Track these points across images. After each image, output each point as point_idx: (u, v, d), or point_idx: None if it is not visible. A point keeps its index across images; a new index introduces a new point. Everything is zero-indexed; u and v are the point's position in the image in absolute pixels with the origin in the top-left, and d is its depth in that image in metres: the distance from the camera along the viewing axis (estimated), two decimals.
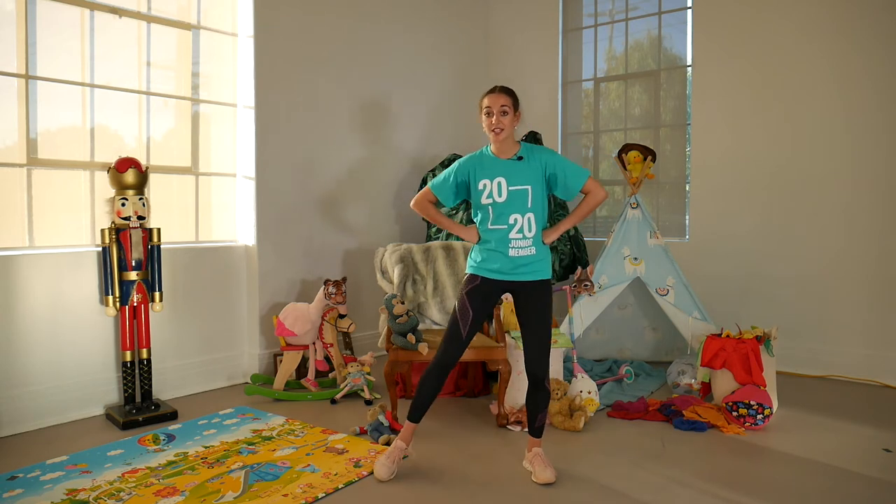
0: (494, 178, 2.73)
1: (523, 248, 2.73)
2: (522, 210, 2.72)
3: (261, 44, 4.26)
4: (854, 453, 3.04)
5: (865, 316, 4.29)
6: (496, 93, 2.74)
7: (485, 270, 2.77)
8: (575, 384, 3.56)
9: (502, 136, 2.73)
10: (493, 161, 2.78)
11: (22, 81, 3.47)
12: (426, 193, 2.91)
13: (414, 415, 2.83)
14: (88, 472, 2.80)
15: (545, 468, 2.74)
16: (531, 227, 2.73)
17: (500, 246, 2.73)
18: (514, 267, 2.74)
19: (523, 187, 2.72)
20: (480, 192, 2.76)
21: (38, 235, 3.54)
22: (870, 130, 4.26)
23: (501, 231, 2.73)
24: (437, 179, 2.89)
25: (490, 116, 2.72)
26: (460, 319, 2.76)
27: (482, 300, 2.78)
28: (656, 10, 5.28)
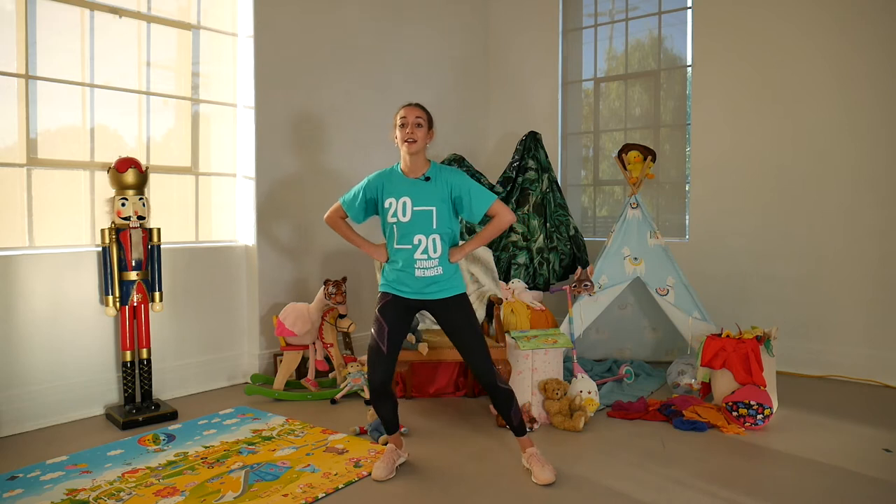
0: (400, 198, 2.71)
1: (429, 268, 2.71)
2: (427, 231, 2.70)
3: (261, 44, 4.26)
4: (854, 453, 3.04)
5: (865, 316, 4.29)
6: (412, 106, 2.76)
7: (394, 289, 2.77)
8: (575, 384, 3.56)
9: (414, 149, 2.69)
10: (401, 179, 2.76)
11: (22, 81, 3.47)
12: (337, 209, 2.89)
13: (389, 428, 2.89)
14: (88, 472, 2.80)
15: (543, 468, 2.74)
16: (436, 247, 2.71)
17: (406, 266, 2.73)
18: (422, 287, 2.73)
19: (428, 208, 2.70)
20: (386, 210, 2.75)
21: (38, 235, 3.54)
22: (870, 130, 4.26)
23: (406, 251, 2.72)
24: (347, 195, 2.87)
25: (405, 127, 2.70)
26: (377, 336, 2.75)
27: (396, 316, 2.76)
28: (656, 10, 5.28)
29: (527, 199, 4.78)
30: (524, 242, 4.72)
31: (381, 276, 2.84)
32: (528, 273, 4.68)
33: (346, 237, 2.94)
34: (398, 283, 2.76)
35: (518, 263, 4.68)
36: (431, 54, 5.53)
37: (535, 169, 4.84)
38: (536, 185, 4.80)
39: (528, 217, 4.75)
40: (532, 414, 3.45)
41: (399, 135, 2.73)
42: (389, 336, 2.73)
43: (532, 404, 3.50)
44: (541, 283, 4.69)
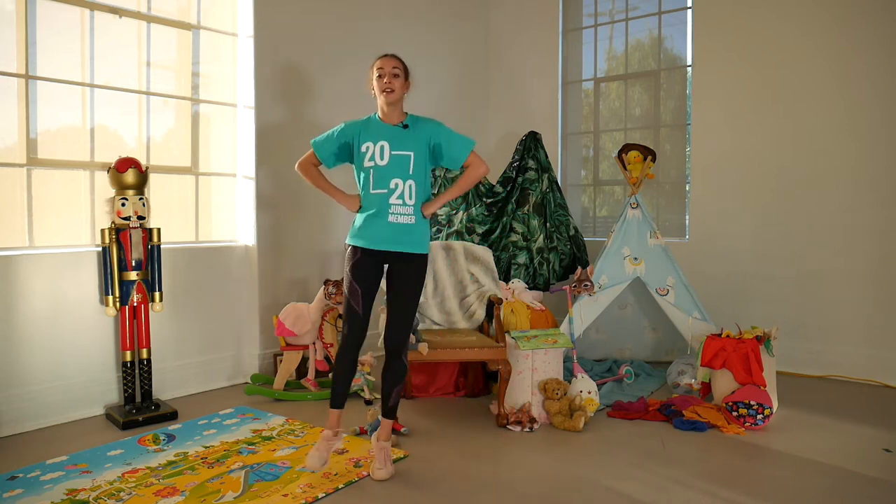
0: (378, 142, 2.74)
1: (403, 214, 2.72)
2: (403, 175, 2.72)
3: (261, 44, 4.26)
4: (854, 453, 3.04)
5: (866, 316, 4.29)
6: (388, 56, 2.80)
7: (363, 239, 2.74)
8: (575, 384, 3.56)
9: (393, 98, 2.74)
10: (379, 125, 2.80)
11: (22, 81, 3.47)
12: (310, 156, 2.87)
13: (335, 401, 2.81)
14: (88, 472, 2.80)
15: (383, 465, 2.74)
16: (411, 194, 2.73)
17: (379, 211, 2.72)
18: (392, 234, 2.72)
19: (406, 153, 2.73)
20: (363, 154, 2.75)
21: (38, 235, 3.54)
22: (870, 130, 4.26)
23: (381, 196, 2.72)
24: (319, 138, 2.86)
25: (382, 77, 2.75)
26: (351, 297, 2.75)
27: (366, 273, 2.76)
28: (656, 10, 5.28)
29: (527, 199, 4.78)
30: (524, 242, 4.72)
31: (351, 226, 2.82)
32: (528, 273, 4.68)
33: (318, 185, 2.90)
34: (367, 231, 2.74)
35: (518, 263, 4.68)
36: (431, 54, 5.53)
37: (535, 169, 4.84)
38: (536, 185, 4.80)
39: (528, 217, 4.75)
40: (532, 414, 3.45)
41: (377, 85, 2.77)
42: (363, 296, 2.74)
43: (532, 404, 3.50)
44: (541, 283, 4.68)
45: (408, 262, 2.77)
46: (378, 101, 2.79)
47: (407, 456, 2.99)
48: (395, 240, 2.73)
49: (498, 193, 4.89)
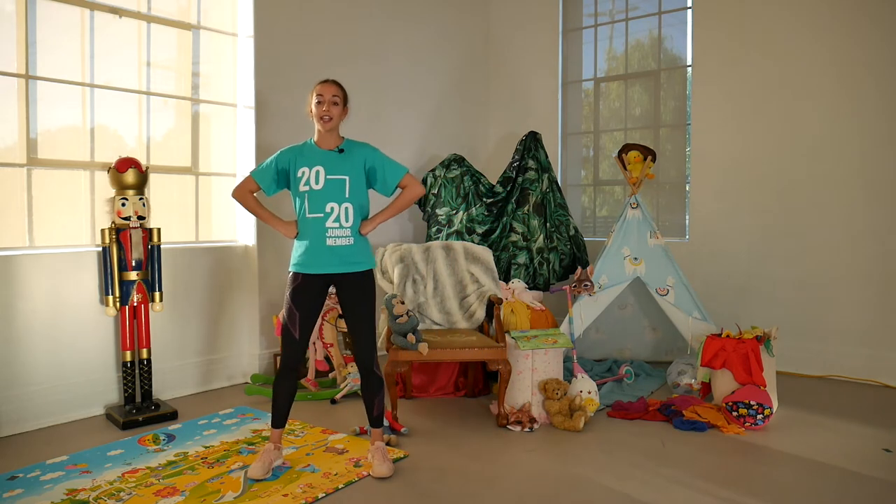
0: (313, 167, 2.78)
1: (340, 237, 2.77)
2: (339, 199, 2.77)
3: (261, 44, 4.26)
4: (854, 453, 3.04)
5: (865, 316, 4.29)
6: (328, 83, 2.82)
7: (304, 265, 2.80)
8: (575, 384, 3.56)
9: (330, 126, 2.79)
10: (314, 150, 2.84)
11: (22, 81, 3.47)
12: (247, 182, 2.91)
13: (276, 421, 2.87)
14: (88, 472, 2.80)
15: (382, 462, 2.78)
16: (348, 216, 2.78)
17: (317, 236, 2.77)
18: (332, 257, 2.77)
19: (341, 177, 2.78)
20: (299, 179, 2.80)
21: (38, 235, 3.54)
22: (870, 129, 4.26)
23: (318, 220, 2.77)
24: (258, 167, 2.91)
25: (321, 104, 2.78)
26: (289, 322, 2.80)
27: (307, 298, 2.80)
28: (656, 10, 5.28)
29: (527, 199, 4.78)
30: (524, 242, 4.72)
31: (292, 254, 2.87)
32: (528, 273, 4.68)
33: (255, 212, 2.95)
34: (308, 258, 2.79)
35: (518, 263, 4.68)
36: (431, 54, 5.53)
37: (535, 169, 4.84)
38: (536, 185, 4.80)
39: (528, 217, 4.75)
40: (532, 414, 3.45)
41: (315, 111, 2.80)
42: (301, 322, 2.79)
43: (532, 404, 3.50)
44: (541, 283, 4.69)
45: (353, 281, 2.82)
46: (315, 125, 2.83)
47: (407, 456, 2.99)
48: (336, 262, 2.79)
49: (498, 193, 4.89)
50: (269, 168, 2.87)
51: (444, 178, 4.96)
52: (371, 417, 2.92)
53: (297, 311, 2.79)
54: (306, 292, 2.80)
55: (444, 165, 5.01)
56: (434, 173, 5.02)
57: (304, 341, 2.83)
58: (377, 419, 2.91)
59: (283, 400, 2.86)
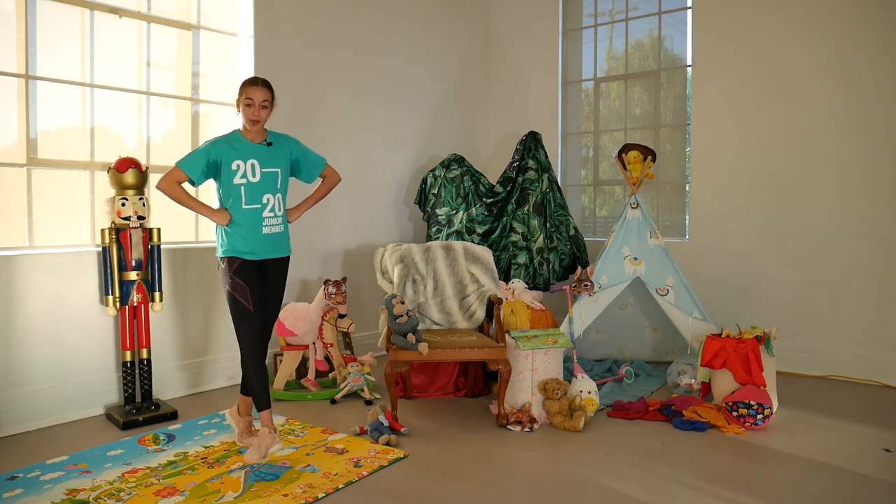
0: (248, 160, 2.93)
1: (275, 225, 3.00)
2: (273, 190, 2.98)
3: (261, 44, 4.26)
4: (854, 453, 3.04)
5: (865, 316, 4.29)
6: (259, 86, 2.94)
7: (243, 252, 2.93)
8: (575, 384, 3.56)
9: (258, 127, 2.97)
10: (245, 144, 2.98)
11: (22, 81, 3.47)
12: (174, 172, 2.93)
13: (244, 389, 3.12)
14: (88, 472, 2.80)
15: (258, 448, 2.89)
16: (280, 206, 3.02)
17: (254, 225, 2.92)
18: (268, 244, 2.98)
19: (274, 170, 2.98)
20: (234, 172, 2.91)
21: (38, 235, 3.54)
22: (870, 129, 4.25)
23: (255, 210, 2.93)
24: (184, 158, 2.96)
25: (251, 107, 2.90)
26: (241, 297, 2.90)
27: (249, 275, 2.93)
28: (656, 10, 5.28)
29: (527, 199, 4.78)
30: (524, 242, 4.72)
31: (218, 244, 2.97)
32: (528, 273, 4.68)
33: (184, 202, 2.98)
34: (244, 246, 2.93)
35: (518, 263, 4.68)
36: (432, 54, 5.53)
37: (535, 169, 4.84)
38: (536, 185, 4.80)
39: (528, 217, 4.75)
40: (532, 414, 3.45)
41: (244, 112, 2.92)
42: (252, 294, 2.91)
43: (532, 404, 3.50)
44: (541, 283, 4.69)
45: (278, 264, 3.06)
46: (242, 119, 2.96)
47: (407, 456, 2.99)
48: (270, 248, 3.00)
49: (498, 193, 4.89)
50: (199, 159, 2.92)
51: (444, 178, 4.96)
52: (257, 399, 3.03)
53: (247, 284, 2.91)
54: (247, 271, 2.93)
55: (444, 165, 5.01)
56: (434, 173, 5.02)
57: (258, 314, 2.94)
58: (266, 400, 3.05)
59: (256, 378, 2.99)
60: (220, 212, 2.96)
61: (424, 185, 5.05)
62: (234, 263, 2.92)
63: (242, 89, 2.94)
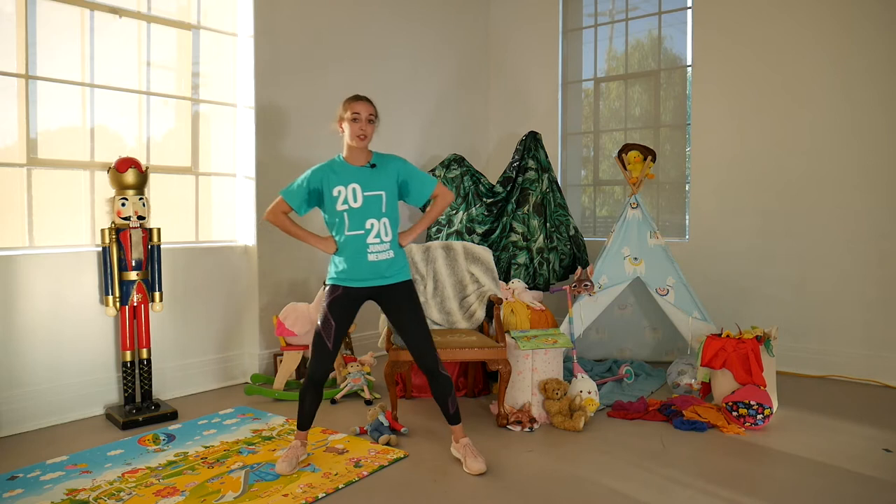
0: (349, 185, 2.79)
1: (381, 252, 2.80)
2: (377, 215, 2.79)
3: (261, 44, 4.26)
4: (854, 453, 3.04)
5: (866, 316, 4.29)
6: (364, 101, 2.83)
7: (345, 280, 2.82)
8: (575, 384, 3.56)
9: (364, 144, 2.81)
10: (347, 168, 2.83)
11: (22, 81, 3.47)
12: (279, 204, 2.90)
13: (302, 424, 2.92)
14: (88, 472, 2.80)
15: (476, 459, 2.80)
16: (387, 231, 2.82)
17: (358, 252, 2.79)
18: (374, 272, 2.80)
19: (377, 193, 2.80)
20: (335, 198, 2.80)
21: (38, 235, 3.54)
22: (870, 130, 4.26)
23: (359, 237, 2.79)
24: (288, 188, 2.90)
25: (357, 122, 2.78)
26: (324, 332, 2.82)
27: (343, 310, 2.84)
28: (656, 10, 5.28)
29: (527, 199, 4.78)
30: (524, 242, 4.72)
31: (329, 270, 2.90)
32: (528, 273, 4.68)
33: (291, 232, 2.94)
34: (349, 273, 2.82)
35: (518, 263, 4.68)
36: (432, 54, 5.53)
37: (535, 169, 4.84)
38: (536, 185, 4.80)
39: (528, 217, 4.75)
40: (532, 414, 3.45)
41: (350, 128, 2.79)
42: (336, 332, 2.82)
43: (532, 404, 3.50)
44: (541, 283, 4.68)
45: (396, 291, 2.86)
46: (346, 140, 2.83)
47: (407, 456, 2.99)
48: (377, 276, 2.82)
49: (498, 193, 4.89)
50: (300, 188, 2.85)
51: (444, 178, 4.96)
52: (448, 415, 2.92)
53: (334, 322, 2.81)
54: (345, 304, 2.84)
55: (444, 165, 5.01)
56: (434, 173, 5.02)
57: (335, 352, 2.85)
58: (454, 416, 2.92)
59: (309, 408, 2.91)
60: (326, 240, 2.88)
61: None
62: (333, 293, 2.83)
63: (347, 105, 2.82)
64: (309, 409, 2.90)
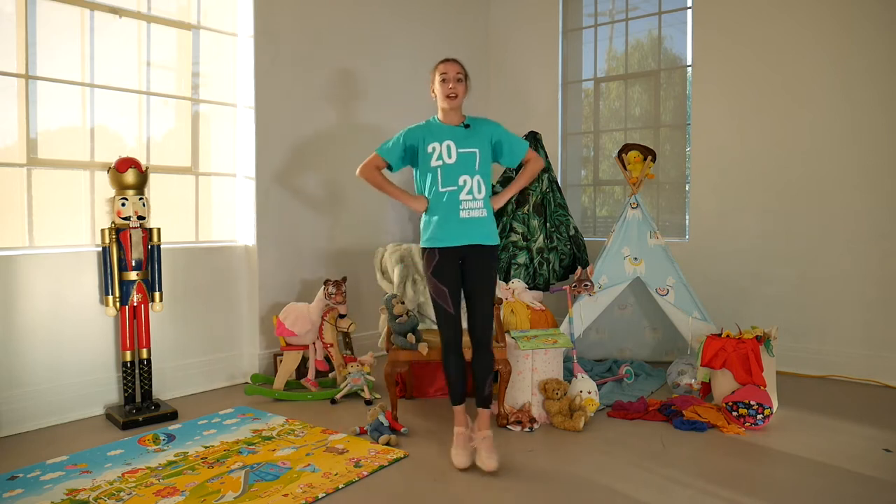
0: (443, 142, 2.85)
1: (473, 209, 2.84)
2: (471, 172, 2.84)
3: (261, 44, 4.26)
4: (854, 453, 3.04)
5: (866, 316, 4.29)
6: (451, 62, 2.89)
7: (441, 239, 2.85)
8: (575, 384, 3.56)
9: (456, 103, 2.86)
10: (441, 127, 2.90)
11: (22, 81, 3.47)
12: (374, 159, 2.96)
13: (454, 399, 2.97)
14: (88, 472, 2.80)
15: (490, 455, 2.80)
16: (480, 188, 2.86)
17: (450, 209, 2.82)
18: (467, 229, 2.83)
19: (471, 150, 2.86)
20: (430, 154, 2.85)
21: (38, 235, 3.54)
22: (870, 129, 4.26)
23: (452, 192, 2.83)
24: (384, 145, 2.95)
25: (446, 82, 2.83)
26: (440, 299, 2.85)
27: (448, 270, 2.86)
28: (656, 10, 5.28)
29: (527, 199, 4.78)
30: (524, 242, 4.72)
31: (421, 235, 2.92)
32: (528, 273, 4.68)
33: (382, 188, 2.99)
34: (442, 232, 2.84)
35: (518, 263, 4.68)
36: (432, 54, 5.49)
37: None
38: (536, 184, 4.80)
39: (527, 217, 4.75)
40: (532, 414, 3.45)
41: (440, 89, 2.85)
42: (451, 294, 2.85)
43: (532, 404, 3.50)
44: (541, 283, 4.68)
45: (482, 253, 2.87)
46: (439, 103, 2.90)
47: (407, 456, 3.00)
48: (470, 234, 2.84)
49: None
50: (396, 145, 2.92)
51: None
52: (481, 397, 2.92)
53: (445, 286, 2.84)
54: (447, 266, 2.86)
55: None
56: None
57: (458, 313, 2.87)
58: (486, 399, 2.92)
59: (456, 376, 2.93)
60: (417, 198, 2.92)
61: None
62: (433, 259, 2.85)
63: (435, 69, 2.89)
64: (456, 378, 2.93)
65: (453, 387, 2.96)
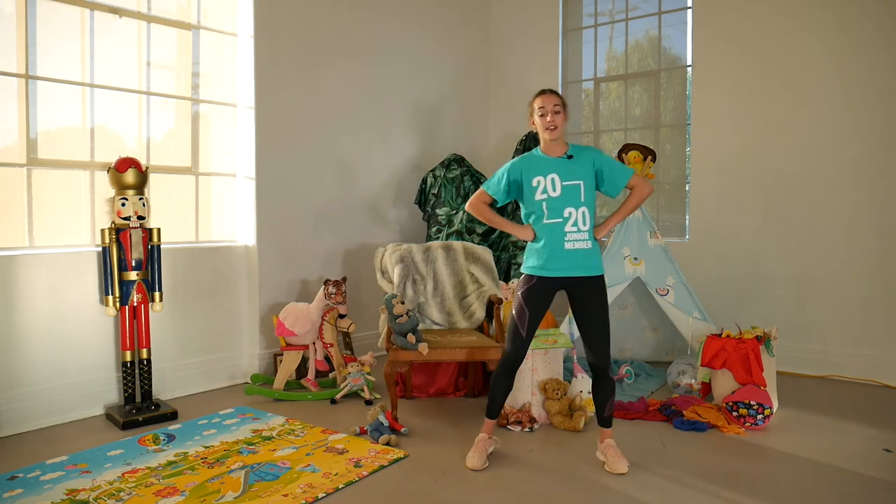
0: (548, 175, 2.84)
1: (578, 241, 2.82)
2: (576, 204, 2.82)
3: (261, 44, 4.26)
4: (854, 453, 3.04)
5: (865, 316, 4.29)
6: (548, 94, 2.87)
7: (543, 268, 2.84)
8: (575, 384, 3.56)
9: (556, 134, 2.84)
10: (545, 160, 2.89)
11: (22, 81, 3.47)
12: (480, 195, 3.01)
13: (491, 412, 2.98)
14: (88, 472, 2.80)
15: (619, 460, 2.84)
16: (585, 220, 2.83)
17: (555, 241, 2.82)
18: (571, 261, 2.82)
19: (576, 182, 2.83)
20: (534, 188, 2.85)
21: (38, 235, 3.54)
22: (870, 130, 4.26)
23: (557, 225, 2.82)
24: (490, 181, 3.00)
25: (545, 116, 2.83)
26: (518, 320, 2.87)
27: (538, 298, 2.86)
28: (656, 10, 5.28)
29: None
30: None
31: (524, 262, 2.94)
32: None
33: (491, 221, 3.02)
34: (545, 262, 2.84)
35: (518, 263, 4.68)
36: (432, 54, 5.53)
37: None
38: None
39: None
40: (532, 414, 3.45)
41: (540, 122, 2.85)
42: (530, 321, 2.86)
43: (532, 404, 3.50)
44: None
45: (591, 285, 2.85)
46: (540, 135, 2.90)
47: (407, 456, 2.99)
48: (574, 266, 2.82)
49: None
50: (500, 180, 2.95)
51: (444, 178, 4.96)
52: (602, 418, 2.95)
53: (528, 311, 2.85)
54: (540, 294, 2.86)
55: (444, 165, 5.01)
56: (434, 173, 5.02)
57: (529, 340, 2.89)
58: (607, 420, 2.95)
59: (500, 395, 2.96)
60: (524, 228, 2.91)
61: (424, 185, 5.06)
62: (529, 283, 2.86)
63: (532, 102, 2.87)
64: (500, 396, 2.96)
65: (493, 402, 2.97)
